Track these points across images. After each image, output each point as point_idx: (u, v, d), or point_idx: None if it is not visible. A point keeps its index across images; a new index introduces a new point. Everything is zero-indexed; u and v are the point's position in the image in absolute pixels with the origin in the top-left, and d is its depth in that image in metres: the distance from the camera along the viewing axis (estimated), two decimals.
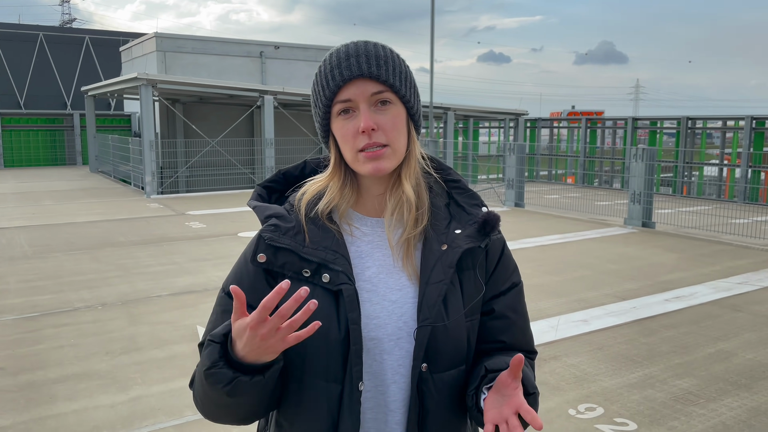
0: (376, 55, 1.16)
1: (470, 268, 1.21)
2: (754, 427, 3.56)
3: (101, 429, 3.58)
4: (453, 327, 1.17)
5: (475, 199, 1.26)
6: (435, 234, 1.20)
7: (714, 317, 5.53)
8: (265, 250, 1.18)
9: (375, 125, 1.13)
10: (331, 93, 1.15)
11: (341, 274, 1.15)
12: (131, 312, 5.76)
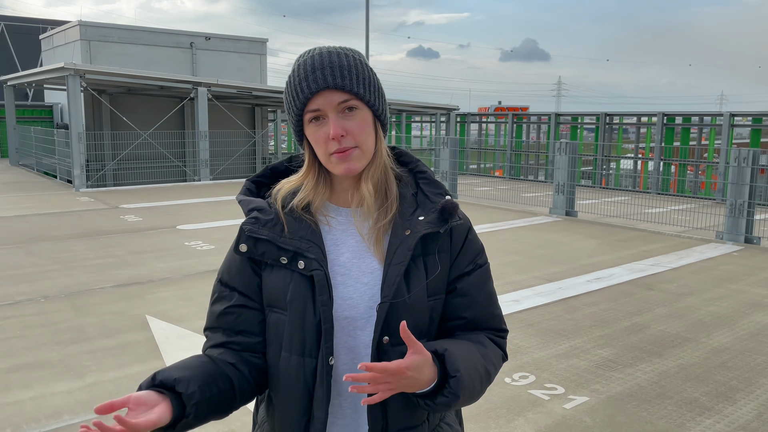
0: (340, 65, 1.24)
1: (433, 251, 1.30)
2: (664, 386, 4.06)
3: (62, 414, 3.68)
4: (413, 303, 1.26)
5: (439, 188, 1.35)
6: (401, 220, 1.30)
7: (630, 295, 6.10)
8: (246, 241, 1.29)
9: (344, 131, 1.24)
10: (301, 104, 1.25)
11: (314, 261, 1.26)
12: (76, 304, 5.76)
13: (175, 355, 4.53)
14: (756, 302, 5.89)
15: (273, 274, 1.29)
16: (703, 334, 5.03)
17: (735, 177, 8.46)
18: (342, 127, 1.23)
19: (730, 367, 4.37)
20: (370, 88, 1.27)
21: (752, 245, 8.47)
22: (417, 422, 1.30)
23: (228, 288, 1.34)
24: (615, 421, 3.60)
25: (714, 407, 3.78)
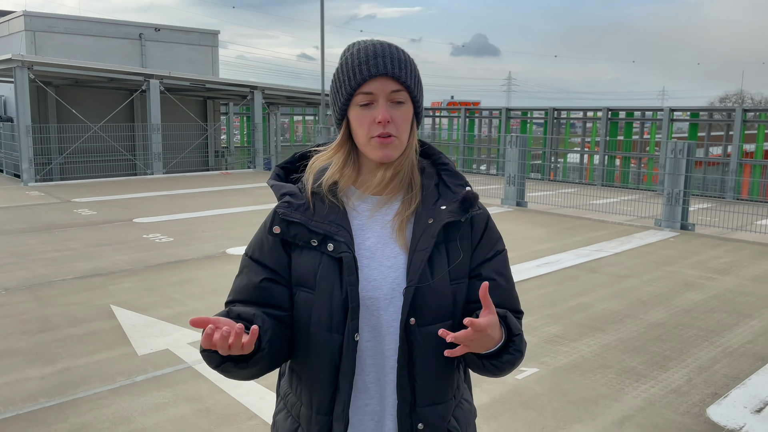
0: (399, 58, 1.33)
1: (455, 238, 1.38)
2: (605, 357, 4.44)
3: (37, 397, 3.78)
4: (437, 287, 1.34)
5: (460, 180, 1.43)
6: (424, 210, 1.37)
7: (575, 278, 6.51)
8: (279, 223, 1.37)
9: (390, 118, 1.31)
10: (357, 84, 1.32)
11: (343, 244, 1.33)
12: (38, 295, 5.79)
13: (145, 342, 4.66)
14: (689, 282, 6.38)
15: (303, 255, 1.37)
16: (641, 311, 5.46)
17: (671, 168, 9.03)
18: (389, 113, 1.31)
19: (665, 340, 4.79)
20: (418, 85, 1.37)
21: (687, 231, 9.06)
22: (444, 398, 1.40)
23: (260, 264, 1.40)
24: (561, 388, 3.94)
25: (649, 374, 4.17)
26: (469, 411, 1.48)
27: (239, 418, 3.55)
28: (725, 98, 61.29)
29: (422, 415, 1.36)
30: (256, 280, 1.39)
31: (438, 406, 1.38)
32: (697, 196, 13.56)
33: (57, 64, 14.31)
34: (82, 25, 21.65)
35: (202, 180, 15.55)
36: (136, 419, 3.53)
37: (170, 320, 5.12)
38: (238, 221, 9.61)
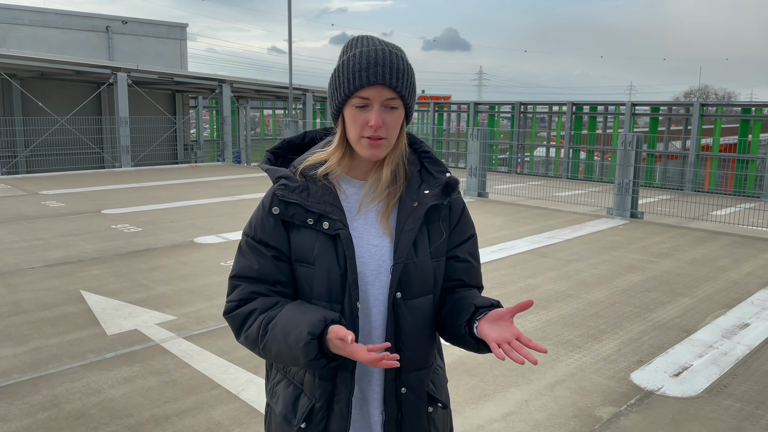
0: (398, 68, 1.42)
1: (436, 220, 1.52)
2: (546, 331, 4.81)
3: (10, 373, 4.00)
4: (420, 264, 1.48)
5: (441, 167, 1.56)
6: (408, 194, 1.50)
7: (526, 262, 6.90)
8: (278, 204, 1.48)
9: (382, 123, 1.42)
10: (355, 88, 1.40)
11: (338, 222, 1.45)
12: (8, 282, 5.95)
13: (115, 323, 4.89)
14: (632, 265, 6.82)
15: (300, 234, 1.48)
16: (584, 291, 5.87)
17: (621, 159, 9.50)
18: (382, 119, 1.42)
19: (602, 316, 5.19)
20: (413, 92, 1.46)
21: (636, 219, 9.55)
22: (425, 365, 1.54)
23: (262, 244, 1.50)
24: None
25: (584, 345, 4.55)
26: (443, 377, 1.64)
27: (203, 389, 3.83)
28: (689, 93, 62.81)
29: (405, 380, 1.50)
30: (263, 259, 1.49)
31: (420, 371, 1.53)
32: (658, 188, 14.13)
33: (24, 57, 14.25)
34: (48, 18, 21.45)
35: (171, 173, 15.63)
36: (106, 390, 3.78)
37: (138, 304, 5.35)
38: (206, 212, 9.81)
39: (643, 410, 3.61)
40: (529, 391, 3.83)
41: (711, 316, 5.21)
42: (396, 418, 1.50)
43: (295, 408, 1.51)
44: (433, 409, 1.56)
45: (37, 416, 3.47)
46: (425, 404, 1.54)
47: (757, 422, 3.49)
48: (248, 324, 1.47)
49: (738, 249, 7.74)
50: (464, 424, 3.43)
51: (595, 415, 3.55)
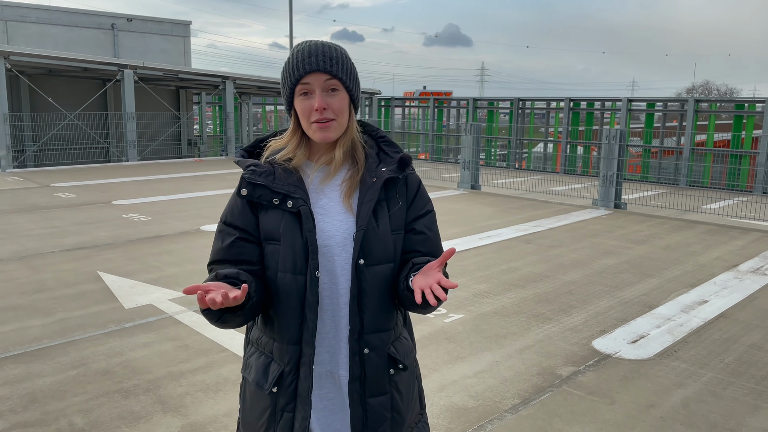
0: (330, 55, 1.60)
1: (394, 194, 1.67)
2: (521, 306, 5.31)
3: (41, 339, 4.51)
4: (381, 233, 1.62)
5: (395, 147, 1.74)
6: (368, 172, 1.66)
7: (510, 248, 7.40)
8: (246, 186, 1.63)
9: (326, 105, 1.58)
10: (296, 79, 1.59)
11: (299, 200, 1.60)
12: (30, 264, 6.46)
13: (131, 299, 5.40)
14: (609, 251, 7.31)
15: (268, 214, 1.63)
16: (561, 272, 6.36)
17: (606, 152, 9.98)
18: (325, 101, 1.58)
19: (574, 293, 5.69)
20: (350, 76, 1.62)
21: (620, 210, 10.04)
22: (386, 327, 1.67)
23: (232, 227, 1.65)
24: (479, 328, 4.80)
25: (554, 318, 5.05)
26: (407, 345, 1.77)
27: (212, 351, 4.33)
28: (691, 89, 63.06)
29: (368, 340, 1.64)
30: (229, 241, 1.65)
31: (382, 333, 1.66)
32: (653, 183, 14.57)
33: (34, 54, 14.74)
34: (54, 15, 21.91)
35: (176, 166, 16.14)
36: (127, 353, 4.29)
37: (151, 283, 5.86)
38: (210, 203, 10.31)
39: (598, 370, 4.11)
40: (501, 355, 4.32)
41: (674, 294, 5.70)
42: (359, 377, 1.64)
43: (266, 374, 1.65)
44: (395, 372, 1.68)
45: (68, 373, 3.98)
46: (387, 365, 1.67)
47: (698, 379, 3.99)
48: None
49: (711, 236, 8.23)
50: (441, 379, 3.93)
51: (556, 373, 4.05)
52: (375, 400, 1.66)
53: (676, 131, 17.94)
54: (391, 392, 1.68)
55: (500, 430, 3.34)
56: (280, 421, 1.64)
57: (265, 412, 1.66)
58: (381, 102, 23.13)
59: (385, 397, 1.67)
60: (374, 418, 1.66)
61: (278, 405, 1.64)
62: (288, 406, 1.64)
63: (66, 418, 3.43)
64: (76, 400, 3.63)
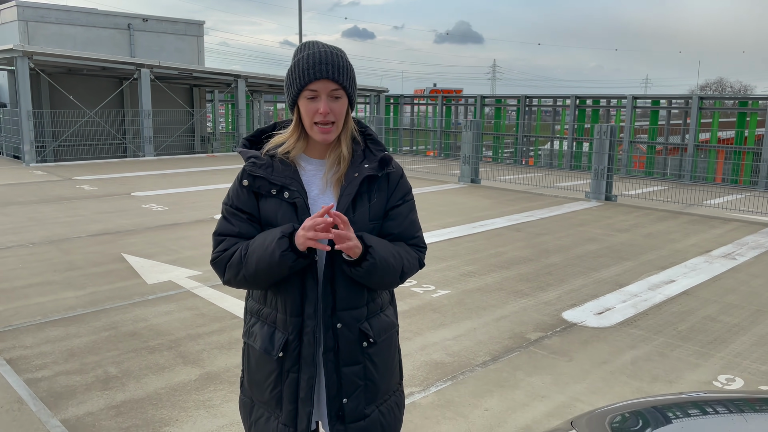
0: (338, 65, 1.74)
1: (374, 188, 1.84)
2: (488, 284, 5.87)
3: (75, 308, 5.14)
4: (357, 222, 1.79)
5: (380, 146, 1.89)
6: (352, 168, 1.82)
7: (500, 235, 7.95)
8: (247, 177, 1.81)
9: (330, 110, 1.74)
10: (305, 83, 1.73)
11: (296, 192, 1.77)
12: (60, 247, 7.11)
13: (153, 276, 6.03)
14: (592, 238, 7.85)
15: (267, 202, 1.81)
16: (544, 256, 6.91)
17: (597, 147, 10.49)
18: (329, 107, 1.74)
19: (553, 274, 6.24)
20: (352, 83, 1.79)
21: (610, 202, 10.55)
22: (357, 305, 1.84)
23: (238, 210, 1.84)
24: (463, 301, 5.37)
25: (531, 294, 5.61)
26: (386, 323, 1.92)
27: (226, 319, 4.94)
28: (705, 86, 62.97)
29: (341, 317, 1.81)
30: (240, 221, 1.84)
31: (353, 310, 1.83)
32: (659, 179, 14.96)
33: (57, 54, 15.45)
34: (73, 16, 22.65)
35: (191, 161, 16.82)
36: (151, 319, 4.91)
37: (171, 263, 6.48)
38: (223, 194, 10.86)
39: (563, 335, 4.67)
40: (479, 323, 4.90)
41: (645, 275, 6.24)
42: (333, 349, 1.82)
43: (272, 342, 1.83)
44: (368, 345, 1.85)
45: (101, 334, 4.60)
46: (359, 339, 1.84)
47: (650, 343, 4.54)
48: (232, 259, 1.81)
49: (692, 226, 8.74)
50: (423, 341, 4.51)
51: (525, 337, 4.62)
52: (348, 369, 1.83)
53: (681, 128, 18.32)
54: (364, 363, 1.85)
55: (470, 380, 3.92)
56: (287, 381, 1.84)
57: (272, 373, 1.85)
58: (390, 99, 23.63)
59: (358, 367, 1.84)
60: (348, 385, 1.84)
61: (284, 367, 1.84)
62: (293, 368, 1.83)
63: (101, 368, 4.05)
64: (109, 354, 4.25)
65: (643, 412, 1.63)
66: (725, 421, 1.64)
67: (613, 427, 1.55)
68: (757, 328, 4.85)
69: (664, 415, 1.64)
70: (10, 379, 3.86)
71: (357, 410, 1.85)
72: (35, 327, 4.71)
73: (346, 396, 1.83)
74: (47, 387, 3.76)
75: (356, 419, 1.85)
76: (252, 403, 1.94)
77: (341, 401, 1.83)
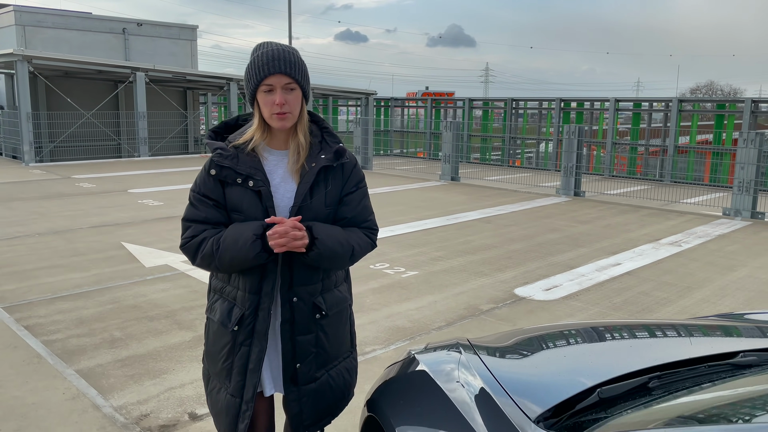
0: (290, 60, 1.92)
1: (330, 177, 2.02)
2: (466, 267, 6.53)
3: (82, 286, 5.76)
4: (313, 207, 1.98)
5: (336, 138, 2.07)
6: (310, 158, 1.99)
7: (471, 226, 8.62)
8: (214, 167, 1.96)
9: (285, 101, 1.91)
10: (261, 78, 1.91)
11: (260, 181, 1.94)
12: (65, 237, 7.73)
13: (150, 260, 6.65)
14: (554, 228, 8.53)
15: (233, 190, 1.96)
16: (508, 244, 7.58)
17: (566, 146, 11.19)
18: (284, 98, 1.91)
19: (513, 258, 6.90)
20: (304, 77, 1.96)
21: (579, 197, 11.25)
22: (312, 281, 2.02)
23: (205, 197, 1.99)
24: (428, 280, 6.03)
25: (491, 274, 6.27)
26: (338, 297, 2.11)
27: None
28: (696, 89, 63.91)
29: (296, 292, 1.99)
30: (207, 207, 1.99)
31: (308, 286, 2.01)
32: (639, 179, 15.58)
33: (56, 58, 16.04)
34: (69, 20, 23.23)
35: (184, 161, 17.43)
36: (150, 295, 5.54)
37: (166, 250, 7.11)
38: None
39: (512, 306, 5.33)
40: (440, 297, 5.55)
41: (595, 259, 6.92)
42: (290, 320, 2.00)
43: (230, 316, 2.01)
44: (320, 317, 2.04)
45: (106, 307, 5.23)
46: (312, 312, 2.02)
47: (586, 312, 5.21)
48: (202, 247, 1.96)
49: (649, 218, 9.44)
50: (389, 312, 5.16)
51: (479, 308, 5.28)
52: (302, 338, 2.02)
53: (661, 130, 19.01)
54: (316, 333, 2.05)
55: (425, 339, 4.57)
56: (238, 353, 2.01)
57: (225, 346, 2.03)
58: (381, 102, 24.22)
59: (310, 336, 2.04)
60: (301, 352, 2.03)
61: (237, 340, 2.01)
62: (246, 341, 2.00)
63: (107, 332, 4.68)
64: (113, 321, 4.88)
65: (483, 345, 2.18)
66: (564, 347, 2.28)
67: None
68: (683, 301, 5.53)
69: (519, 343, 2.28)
70: (29, 341, 4.49)
71: (308, 374, 2.05)
72: (47, 301, 5.34)
73: (299, 362, 2.02)
74: (61, 346, 4.39)
75: (308, 382, 2.06)
76: (209, 375, 2.15)
77: (295, 366, 2.03)
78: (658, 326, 2.29)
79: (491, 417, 1.58)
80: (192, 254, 2.00)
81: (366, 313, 5.10)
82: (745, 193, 9.22)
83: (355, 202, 2.08)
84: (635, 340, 2.16)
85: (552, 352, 2.10)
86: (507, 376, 1.78)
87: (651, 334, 2.20)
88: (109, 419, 3.41)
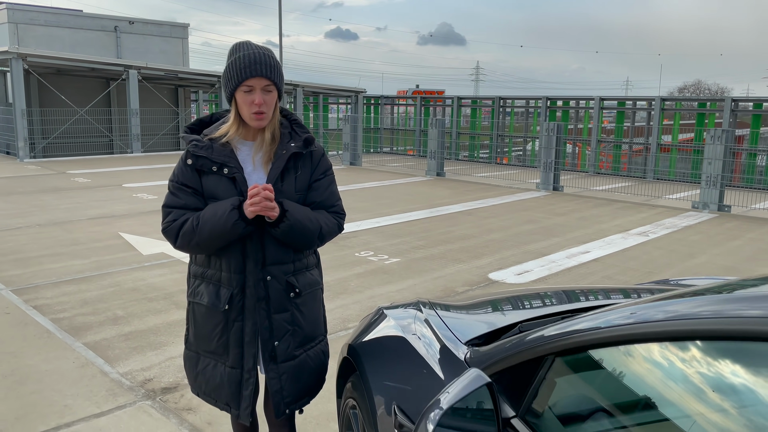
0: (269, 64, 2.04)
1: (300, 164, 2.16)
2: (446, 255, 6.96)
3: (83, 272, 6.15)
4: (284, 192, 2.10)
5: (305, 129, 2.20)
6: (281, 147, 2.13)
7: (453, 218, 9.06)
8: (191, 157, 2.09)
9: (263, 102, 2.04)
10: (242, 79, 2.02)
11: (234, 169, 2.08)
12: (64, 228, 8.09)
13: (147, 249, 7.04)
14: (531, 220, 8.98)
15: (209, 178, 2.10)
16: (486, 234, 8.02)
17: (546, 143, 11.65)
18: (263, 99, 2.05)
19: (489, 247, 7.35)
20: (281, 79, 2.10)
21: (557, 192, 11.72)
22: (285, 261, 2.14)
23: (183, 185, 2.12)
24: (410, 267, 6.46)
25: (467, 261, 6.71)
26: (311, 279, 2.23)
27: None
28: (683, 88, 64.69)
29: (269, 271, 2.11)
30: (186, 195, 2.11)
31: (281, 265, 2.13)
32: (624, 176, 16.05)
33: (50, 56, 16.33)
34: (62, 18, 23.47)
35: (176, 157, 17.75)
36: (148, 279, 5.93)
37: (163, 239, 7.49)
38: None
39: (485, 288, 5.77)
40: (419, 281, 5.99)
41: (567, 247, 7.37)
42: (265, 298, 2.11)
43: (219, 297, 2.11)
44: (294, 295, 2.15)
45: (107, 290, 5.62)
46: (286, 290, 2.14)
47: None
48: (183, 228, 2.08)
49: (623, 211, 9.91)
50: (372, 293, 5.58)
51: (454, 290, 5.71)
52: (279, 316, 2.14)
53: (644, 129, 19.52)
54: (292, 311, 2.16)
55: None
56: (232, 329, 2.13)
57: (218, 325, 2.14)
58: (370, 100, 24.61)
59: (287, 314, 2.16)
60: (278, 330, 2.14)
61: (230, 318, 2.12)
62: (238, 317, 2.12)
63: (111, 311, 5.07)
64: (115, 302, 5.28)
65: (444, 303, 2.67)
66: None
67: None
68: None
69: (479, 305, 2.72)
70: (38, 318, 4.88)
71: (287, 352, 2.16)
72: (52, 285, 5.72)
73: (277, 339, 2.13)
74: (68, 323, 4.79)
75: (287, 359, 2.17)
76: (198, 355, 2.25)
77: (273, 344, 2.14)
78: (582, 291, 2.73)
79: (434, 344, 2.02)
80: (174, 236, 2.11)
81: (350, 294, 5.52)
82: (713, 187, 9.71)
83: (323, 188, 2.21)
84: (561, 296, 2.60)
85: (493, 305, 2.53)
86: (452, 320, 2.21)
87: (574, 296, 2.64)
88: (117, 383, 3.81)
